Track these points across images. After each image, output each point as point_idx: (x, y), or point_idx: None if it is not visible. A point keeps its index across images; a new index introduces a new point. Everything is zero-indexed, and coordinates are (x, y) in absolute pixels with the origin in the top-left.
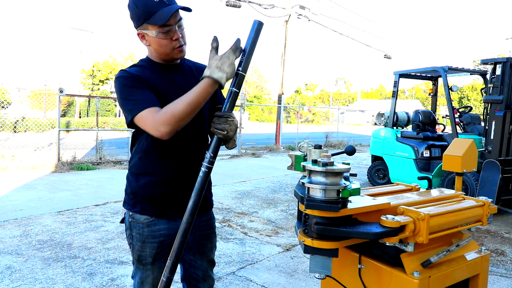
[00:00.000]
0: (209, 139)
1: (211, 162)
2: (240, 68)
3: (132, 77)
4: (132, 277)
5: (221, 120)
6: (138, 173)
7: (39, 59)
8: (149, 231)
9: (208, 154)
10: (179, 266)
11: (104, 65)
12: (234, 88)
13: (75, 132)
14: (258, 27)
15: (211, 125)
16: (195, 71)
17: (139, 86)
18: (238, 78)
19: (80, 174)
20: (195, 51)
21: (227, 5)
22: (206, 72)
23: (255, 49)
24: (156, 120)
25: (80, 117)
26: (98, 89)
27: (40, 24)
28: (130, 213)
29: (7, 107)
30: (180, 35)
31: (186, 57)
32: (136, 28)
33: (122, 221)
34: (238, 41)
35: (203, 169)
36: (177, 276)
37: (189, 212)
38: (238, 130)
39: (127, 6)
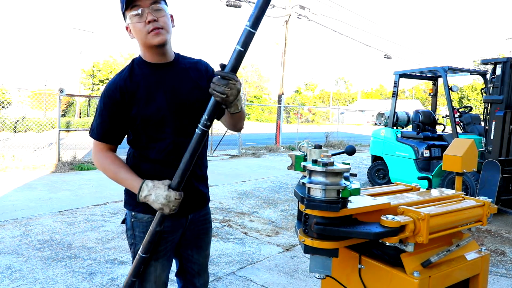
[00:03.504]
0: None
1: (206, 126)
2: (248, 24)
3: (107, 99)
4: None
5: (221, 82)
6: (139, 175)
7: (39, 59)
8: None
9: (203, 117)
10: (174, 261)
11: (104, 65)
12: (239, 47)
13: (75, 132)
14: None
15: (210, 85)
16: (190, 70)
17: (106, 110)
18: (245, 35)
19: (80, 174)
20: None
21: (227, 5)
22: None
23: (268, 4)
24: (95, 157)
25: (80, 117)
26: (98, 89)
27: (40, 24)
28: (133, 213)
29: (7, 107)
30: (155, 19)
31: (185, 54)
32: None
33: (123, 222)
34: None
35: (197, 131)
36: (174, 275)
37: (182, 170)
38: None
39: None
